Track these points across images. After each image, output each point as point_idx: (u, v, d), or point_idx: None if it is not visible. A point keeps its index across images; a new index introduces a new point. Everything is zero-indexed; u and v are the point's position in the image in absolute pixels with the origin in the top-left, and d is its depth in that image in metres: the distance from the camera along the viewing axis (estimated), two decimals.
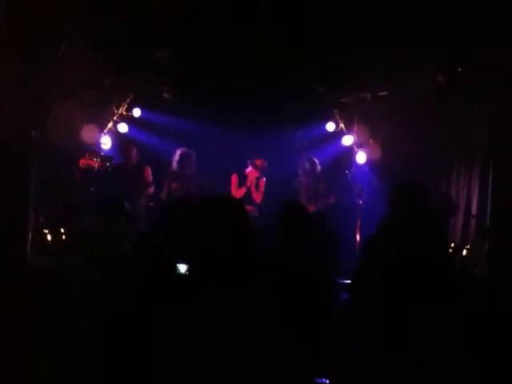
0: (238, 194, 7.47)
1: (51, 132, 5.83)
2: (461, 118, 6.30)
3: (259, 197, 7.62)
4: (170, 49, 6.67)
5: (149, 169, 7.19)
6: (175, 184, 7.23)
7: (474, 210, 6.16)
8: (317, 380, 3.59)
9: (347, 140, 8.17)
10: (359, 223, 7.04)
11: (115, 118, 8.04)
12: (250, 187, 7.61)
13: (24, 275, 4.69)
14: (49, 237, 5.78)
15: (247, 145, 7.91)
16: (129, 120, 8.15)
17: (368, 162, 7.96)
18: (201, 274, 1.87)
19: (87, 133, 7.20)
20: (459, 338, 3.12)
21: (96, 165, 6.67)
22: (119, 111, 8.07)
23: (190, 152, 7.36)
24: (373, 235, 3.32)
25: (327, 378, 3.85)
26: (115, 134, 8.03)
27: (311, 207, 7.30)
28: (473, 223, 6.15)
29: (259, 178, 7.71)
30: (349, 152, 8.26)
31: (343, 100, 8.28)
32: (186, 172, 7.28)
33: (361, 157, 7.92)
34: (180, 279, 2.35)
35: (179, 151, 7.35)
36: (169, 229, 3.39)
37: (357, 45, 6.03)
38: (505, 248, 5.15)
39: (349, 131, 8.28)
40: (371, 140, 7.92)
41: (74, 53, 6.08)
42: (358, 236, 6.99)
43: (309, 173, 7.64)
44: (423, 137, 7.02)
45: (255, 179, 7.68)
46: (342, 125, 8.36)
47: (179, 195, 7.02)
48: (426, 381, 2.95)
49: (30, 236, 5.51)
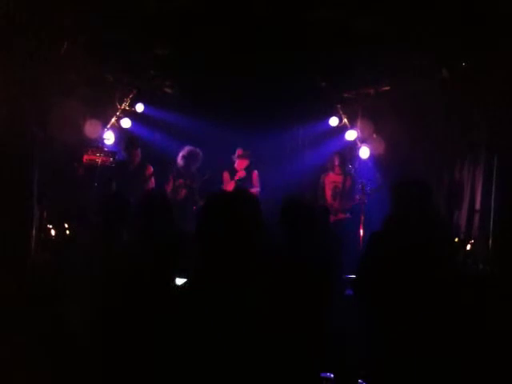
0: (229, 189, 7.31)
1: (54, 128, 5.83)
2: (465, 113, 6.27)
3: (254, 190, 7.37)
4: (172, 44, 6.65)
5: (151, 168, 7.18)
6: (180, 180, 7.25)
7: (478, 205, 6.14)
8: (322, 375, 3.61)
9: (351, 135, 8.16)
10: (363, 218, 7.03)
11: (118, 114, 8.04)
12: (243, 180, 7.44)
13: (28, 271, 4.70)
14: (52, 232, 5.78)
15: (250, 141, 7.88)
16: (132, 115, 8.15)
17: (371, 157, 7.95)
18: (209, 271, 1.86)
19: (90, 128, 7.20)
20: (462, 332, 3.13)
21: (99, 160, 6.69)
22: (122, 106, 8.07)
23: (198, 151, 7.34)
24: (377, 231, 3.33)
25: (332, 373, 3.87)
26: (118, 130, 8.04)
27: (336, 204, 7.29)
28: (476, 218, 6.13)
29: (251, 171, 7.58)
30: (352, 147, 8.25)
31: (346, 95, 8.26)
32: (192, 169, 7.29)
33: (364, 152, 7.91)
34: (187, 277, 2.32)
35: (188, 148, 7.33)
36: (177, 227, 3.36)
37: (359, 40, 6.01)
38: (508, 243, 5.14)
39: (352, 126, 8.27)
40: (375, 135, 7.91)
41: (76, 49, 6.08)
42: (362, 231, 6.98)
43: (337, 168, 7.49)
44: (427, 132, 7.00)
45: (244, 170, 7.54)
46: (346, 120, 8.35)
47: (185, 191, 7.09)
48: (430, 374, 2.96)
49: (34, 232, 5.52)
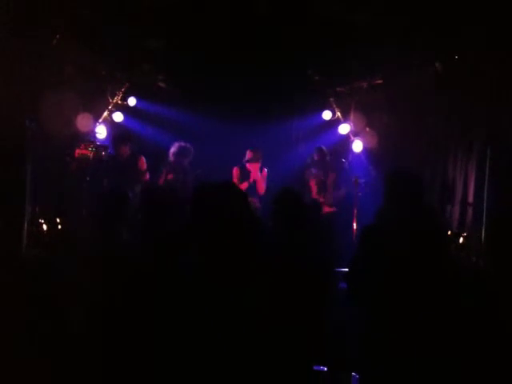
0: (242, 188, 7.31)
1: (46, 122, 5.79)
2: (458, 106, 6.28)
3: (263, 187, 7.30)
4: (165, 38, 6.61)
5: (143, 158, 7.14)
6: (171, 175, 7.20)
7: (471, 198, 6.16)
8: (315, 368, 3.61)
9: (344, 129, 8.15)
10: (356, 212, 7.03)
11: (110, 107, 7.99)
12: (256, 182, 7.27)
13: (19, 267, 4.66)
14: (44, 227, 5.75)
15: (242, 135, 7.85)
16: (124, 109, 8.10)
17: (364, 151, 7.95)
18: (205, 269, 1.84)
19: (82, 122, 7.16)
20: (456, 326, 3.13)
21: (91, 154, 6.65)
22: (114, 100, 8.02)
23: (189, 146, 7.28)
24: (370, 224, 3.32)
25: (325, 366, 3.87)
26: (110, 124, 7.98)
27: (321, 199, 7.24)
28: (470, 211, 6.14)
29: (261, 168, 7.40)
30: (345, 141, 8.24)
31: (339, 89, 8.25)
32: (184, 164, 7.23)
33: (357, 145, 7.91)
34: (183, 274, 2.30)
35: (178, 144, 7.27)
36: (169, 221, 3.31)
37: (352, 34, 6.00)
38: (501, 236, 5.15)
39: (345, 120, 8.27)
40: (368, 128, 7.90)
41: (69, 41, 6.03)
42: (355, 224, 6.99)
43: (318, 163, 7.43)
44: (420, 125, 7.00)
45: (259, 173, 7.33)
46: (339, 113, 8.34)
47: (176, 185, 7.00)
48: (424, 367, 2.96)
49: (26, 227, 5.48)
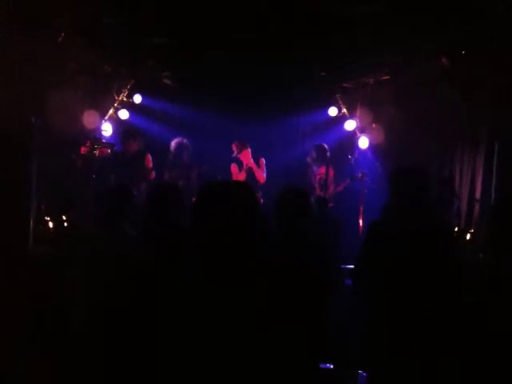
0: (240, 179, 7.31)
1: (52, 119, 5.79)
2: (464, 102, 6.24)
3: (262, 176, 7.29)
4: (170, 34, 6.60)
5: (149, 156, 7.15)
6: (176, 172, 7.19)
7: (478, 194, 6.12)
8: (321, 366, 3.60)
9: (350, 125, 8.13)
10: (362, 208, 7.01)
11: (116, 105, 7.99)
12: (251, 168, 7.30)
13: (26, 264, 4.67)
14: (50, 224, 5.75)
15: (249, 131, 7.82)
16: (130, 106, 8.10)
17: (371, 147, 7.92)
18: (205, 268, 1.82)
19: (88, 119, 7.17)
20: (461, 323, 3.11)
21: (97, 152, 6.65)
22: (120, 97, 8.02)
23: (185, 141, 7.27)
24: (376, 221, 3.31)
25: (332, 364, 3.86)
26: (116, 121, 7.99)
27: (322, 195, 7.23)
28: (477, 207, 6.11)
29: (258, 158, 7.44)
30: (351, 137, 8.22)
31: (346, 85, 8.22)
32: (184, 160, 7.22)
33: (363, 142, 7.88)
34: (184, 273, 2.28)
35: (174, 141, 7.26)
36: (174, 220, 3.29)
37: (359, 29, 5.96)
38: (508, 232, 5.10)
39: (351, 116, 8.24)
40: (374, 125, 7.87)
41: (74, 39, 6.02)
42: (361, 221, 6.96)
43: (318, 159, 7.46)
44: (426, 121, 6.96)
45: (252, 159, 7.37)
46: (345, 109, 8.31)
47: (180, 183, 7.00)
48: (428, 364, 2.95)
49: (32, 224, 5.48)
